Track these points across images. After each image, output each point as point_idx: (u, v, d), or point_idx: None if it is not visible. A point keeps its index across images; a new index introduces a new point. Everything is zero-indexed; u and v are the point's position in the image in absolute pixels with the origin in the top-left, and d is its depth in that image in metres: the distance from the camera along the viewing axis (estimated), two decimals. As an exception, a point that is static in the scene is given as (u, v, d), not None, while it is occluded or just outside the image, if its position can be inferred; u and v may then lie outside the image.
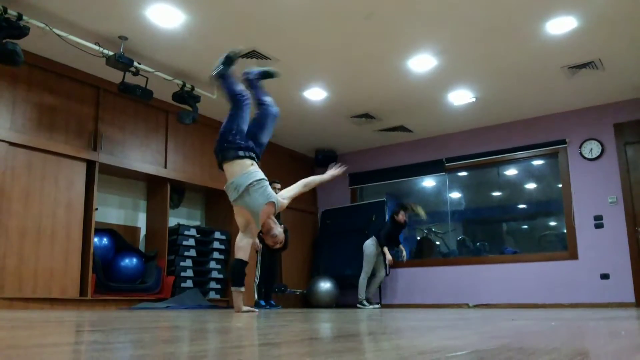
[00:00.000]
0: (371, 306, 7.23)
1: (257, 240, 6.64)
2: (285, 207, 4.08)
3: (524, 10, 4.72)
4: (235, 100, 4.05)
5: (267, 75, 4.32)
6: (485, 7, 4.65)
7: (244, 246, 3.96)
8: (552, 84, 6.28)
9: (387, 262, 7.29)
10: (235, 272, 4.00)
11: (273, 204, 3.89)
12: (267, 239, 4.07)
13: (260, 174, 3.94)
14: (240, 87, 4.13)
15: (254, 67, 4.34)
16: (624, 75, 6.07)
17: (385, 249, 7.23)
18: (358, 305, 7.23)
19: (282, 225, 4.16)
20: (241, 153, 3.90)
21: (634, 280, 6.35)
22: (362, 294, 7.25)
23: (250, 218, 3.91)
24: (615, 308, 5.77)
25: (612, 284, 6.49)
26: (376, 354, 1.11)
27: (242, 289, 4.01)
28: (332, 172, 4.31)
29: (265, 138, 4.15)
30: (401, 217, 7.37)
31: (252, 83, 4.19)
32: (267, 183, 3.95)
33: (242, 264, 3.96)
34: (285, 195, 4.10)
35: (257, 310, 4.34)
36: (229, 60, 4.13)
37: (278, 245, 4.14)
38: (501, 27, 5.00)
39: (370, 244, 7.35)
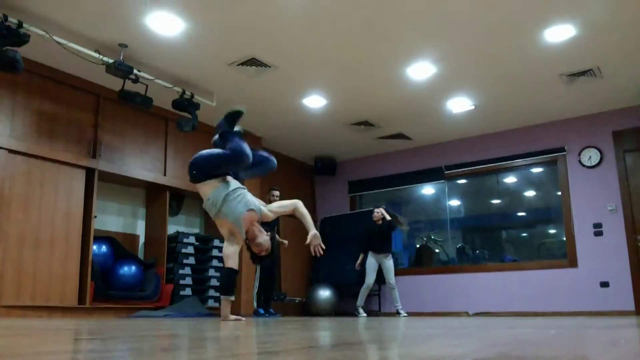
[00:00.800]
0: (365, 314, 7.19)
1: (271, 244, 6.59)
2: (269, 218, 4.12)
3: (522, 19, 4.74)
4: (234, 156, 4.05)
5: (233, 115, 4.30)
6: (484, 15, 4.67)
7: (232, 254, 3.96)
8: (550, 91, 6.30)
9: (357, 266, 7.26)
10: (225, 281, 4.01)
11: (254, 211, 3.97)
12: (252, 246, 4.06)
13: (235, 183, 4.04)
14: (244, 144, 4.14)
15: (218, 121, 4.41)
16: (622, 83, 6.09)
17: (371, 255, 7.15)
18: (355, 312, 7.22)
19: (269, 234, 4.13)
20: (208, 178, 4.01)
21: (633, 288, 6.34)
22: (358, 301, 7.21)
23: (232, 228, 3.94)
24: (615, 316, 5.76)
25: (611, 292, 6.47)
26: (375, 362, 1.11)
27: (232, 297, 4.04)
28: (314, 237, 4.10)
29: (245, 177, 4.33)
30: (375, 215, 7.22)
31: (227, 134, 4.21)
32: (246, 191, 4.04)
33: (233, 272, 3.97)
34: (274, 207, 4.18)
35: (243, 318, 4.33)
36: (232, 118, 4.25)
37: (264, 253, 4.11)
38: (500, 36, 5.03)
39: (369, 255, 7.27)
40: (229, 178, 4.08)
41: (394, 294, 7.08)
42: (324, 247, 4.13)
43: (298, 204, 4.20)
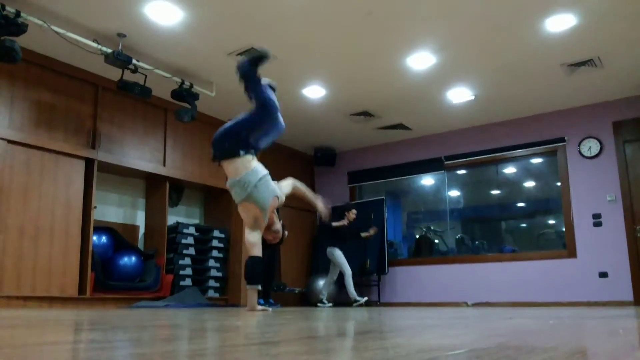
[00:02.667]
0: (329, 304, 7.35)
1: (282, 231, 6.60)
2: (283, 204, 4.01)
3: (523, 8, 4.72)
4: (264, 107, 3.81)
5: (260, 58, 3.89)
6: (484, 4, 4.65)
7: (257, 242, 3.77)
8: (551, 81, 6.28)
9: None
10: (252, 270, 3.78)
11: (277, 197, 3.83)
12: (268, 233, 3.98)
13: (264, 169, 3.86)
14: (272, 94, 3.88)
15: (240, 58, 4.04)
16: (623, 73, 6.07)
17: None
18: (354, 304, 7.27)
19: (281, 221, 4.14)
20: (242, 152, 3.77)
21: (632, 279, 6.36)
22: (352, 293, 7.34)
23: (258, 213, 3.77)
24: (613, 307, 5.78)
25: (610, 283, 6.50)
26: (374, 352, 1.11)
27: (259, 287, 3.86)
28: (322, 205, 4.21)
29: (264, 145, 4.00)
30: (352, 215, 7.51)
31: (250, 78, 3.84)
32: (270, 177, 3.87)
33: (259, 260, 3.77)
34: (285, 191, 4.01)
35: (270, 309, 4.21)
36: (256, 60, 3.84)
37: (277, 240, 4.10)
38: (500, 25, 5.00)
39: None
40: (257, 162, 3.86)
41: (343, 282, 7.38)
42: (329, 209, 4.30)
43: (295, 181, 4.10)
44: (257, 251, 3.77)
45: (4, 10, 4.33)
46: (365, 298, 7.32)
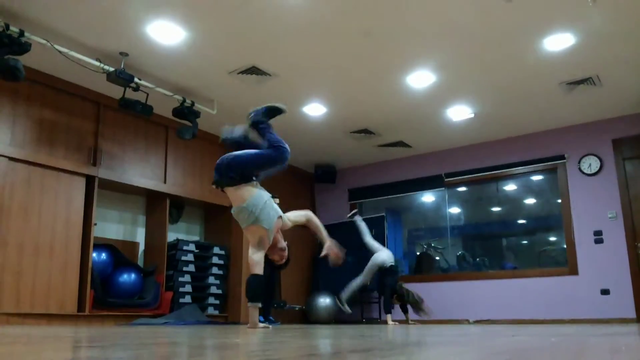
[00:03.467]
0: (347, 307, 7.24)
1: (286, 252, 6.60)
2: (287, 226, 4.07)
3: (522, 27, 4.77)
4: (278, 150, 3.94)
5: (276, 110, 4.17)
6: (483, 23, 4.70)
7: (259, 261, 3.87)
8: (550, 99, 6.32)
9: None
10: (252, 288, 3.88)
11: (281, 218, 3.97)
12: (274, 253, 4.05)
13: (266, 193, 3.98)
14: (280, 138, 4.02)
15: (257, 107, 4.18)
16: (621, 91, 6.11)
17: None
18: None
19: (286, 242, 4.16)
20: (244, 180, 3.88)
21: (634, 296, 6.33)
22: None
23: (263, 234, 3.88)
24: (616, 324, 5.74)
25: (612, 300, 6.46)
26: (375, 370, 1.11)
27: (259, 304, 3.94)
28: (333, 246, 4.14)
29: (265, 176, 4.12)
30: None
31: (260, 125, 4.05)
32: (272, 200, 3.99)
33: (260, 279, 3.87)
34: (291, 216, 4.10)
35: (270, 326, 4.25)
36: (272, 112, 4.11)
37: (283, 260, 4.14)
38: (499, 43, 5.05)
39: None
40: (259, 186, 3.97)
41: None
42: (342, 255, 4.13)
43: (310, 214, 4.21)
44: (259, 269, 3.87)
45: (8, 29, 4.39)
46: (350, 311, 7.23)
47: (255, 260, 3.87)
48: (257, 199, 3.86)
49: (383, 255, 7.02)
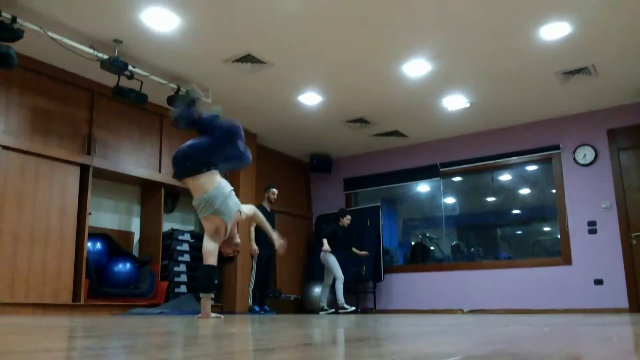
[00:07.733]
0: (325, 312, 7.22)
1: (255, 247, 6.61)
2: (242, 220, 4.10)
3: (518, 16, 4.75)
4: (223, 132, 3.98)
5: (191, 103, 4.19)
6: (479, 12, 4.68)
7: (213, 251, 3.89)
8: (546, 89, 6.31)
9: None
10: (205, 278, 3.93)
11: (240, 212, 3.99)
12: (228, 247, 4.06)
13: (229, 185, 3.99)
14: (222, 122, 4.04)
15: (173, 110, 4.26)
16: (617, 81, 6.11)
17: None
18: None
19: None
20: (205, 169, 3.89)
21: (627, 286, 6.38)
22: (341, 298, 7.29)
23: (221, 225, 3.89)
24: (609, 314, 5.79)
25: (605, 290, 6.51)
26: (370, 359, 1.11)
27: (212, 295, 3.99)
28: (277, 238, 4.32)
29: (223, 169, 4.17)
30: (346, 220, 7.53)
31: (192, 120, 4.10)
32: (234, 192, 4.00)
33: (214, 269, 3.91)
34: (244, 210, 4.10)
35: (222, 316, 4.26)
36: (189, 105, 4.14)
37: (235, 254, 4.17)
38: (495, 33, 5.03)
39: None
40: (220, 176, 3.99)
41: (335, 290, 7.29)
42: (285, 244, 4.38)
43: (255, 209, 4.27)
44: (213, 260, 3.90)
45: (0, 15, 4.33)
46: (353, 308, 7.26)
47: (209, 250, 3.89)
48: (218, 190, 3.87)
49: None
